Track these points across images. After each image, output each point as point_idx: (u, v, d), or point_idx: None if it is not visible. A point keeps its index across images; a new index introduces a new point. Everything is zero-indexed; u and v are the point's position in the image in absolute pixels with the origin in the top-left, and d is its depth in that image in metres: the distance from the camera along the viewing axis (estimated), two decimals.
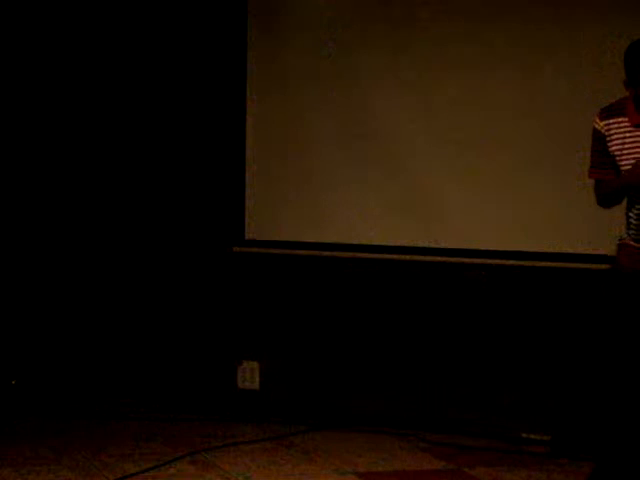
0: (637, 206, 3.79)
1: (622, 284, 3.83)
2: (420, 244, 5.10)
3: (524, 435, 4.93)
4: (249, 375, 5.51)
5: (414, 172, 4.83)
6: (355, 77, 5.23)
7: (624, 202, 3.87)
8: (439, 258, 5.11)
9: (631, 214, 3.83)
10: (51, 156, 5.81)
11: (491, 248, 5.00)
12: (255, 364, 5.52)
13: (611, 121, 3.80)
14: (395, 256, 5.20)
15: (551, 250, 4.88)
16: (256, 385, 5.52)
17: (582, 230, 4.83)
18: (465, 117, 5.04)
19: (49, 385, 5.74)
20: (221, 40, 5.52)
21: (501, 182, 5.00)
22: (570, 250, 4.86)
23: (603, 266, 4.13)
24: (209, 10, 5.55)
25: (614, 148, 3.81)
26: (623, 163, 3.79)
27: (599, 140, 3.83)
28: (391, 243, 5.21)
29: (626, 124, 3.77)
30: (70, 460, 4.57)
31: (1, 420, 5.23)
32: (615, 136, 3.80)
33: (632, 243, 3.83)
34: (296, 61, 5.35)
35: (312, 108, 5.33)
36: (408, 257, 5.16)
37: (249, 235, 5.51)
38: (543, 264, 4.90)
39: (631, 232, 3.83)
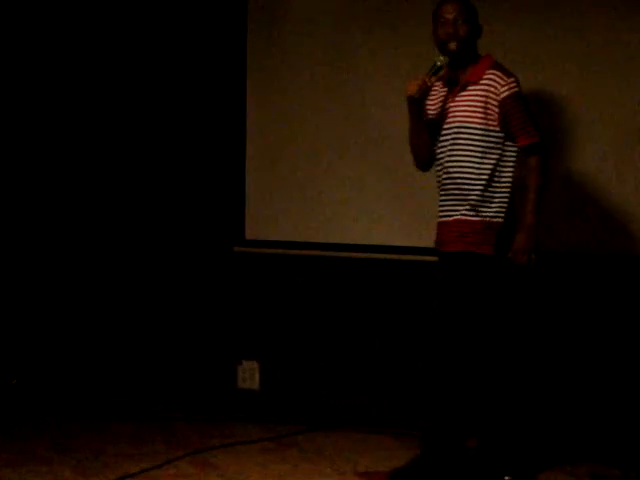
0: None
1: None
2: (420, 244, 5.09)
3: None
4: (249, 375, 5.51)
5: (414, 172, 4.81)
6: (355, 79, 5.23)
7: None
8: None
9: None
10: (52, 157, 5.82)
11: None
12: (255, 364, 5.52)
13: None
14: (395, 256, 5.20)
15: (549, 250, 4.88)
16: (256, 385, 5.52)
17: (582, 230, 4.84)
18: None
19: (49, 385, 5.74)
20: (221, 41, 5.53)
21: None
22: (569, 250, 4.86)
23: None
24: (209, 12, 5.55)
25: None
26: None
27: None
28: (391, 243, 5.21)
29: None
30: (70, 460, 4.57)
31: (1, 420, 5.23)
32: None
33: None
34: (296, 62, 5.35)
35: (312, 109, 5.33)
36: (408, 257, 5.16)
37: (249, 235, 5.51)
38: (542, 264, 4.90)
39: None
